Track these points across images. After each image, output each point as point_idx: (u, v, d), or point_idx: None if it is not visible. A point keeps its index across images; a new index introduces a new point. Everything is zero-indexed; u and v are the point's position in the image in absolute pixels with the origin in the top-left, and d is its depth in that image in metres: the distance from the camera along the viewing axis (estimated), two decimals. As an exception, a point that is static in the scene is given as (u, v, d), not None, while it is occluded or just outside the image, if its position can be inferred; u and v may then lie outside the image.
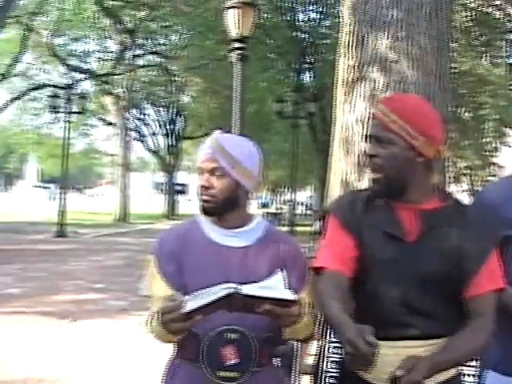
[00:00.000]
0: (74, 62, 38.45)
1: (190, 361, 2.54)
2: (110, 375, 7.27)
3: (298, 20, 28.97)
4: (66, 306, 11.23)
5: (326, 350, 3.21)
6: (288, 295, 2.26)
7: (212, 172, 2.58)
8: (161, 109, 48.39)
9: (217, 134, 2.65)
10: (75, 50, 39.65)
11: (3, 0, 25.38)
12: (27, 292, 12.73)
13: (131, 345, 8.48)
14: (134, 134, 46.73)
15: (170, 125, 48.63)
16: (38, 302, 11.63)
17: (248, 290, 2.22)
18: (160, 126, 48.74)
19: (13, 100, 33.52)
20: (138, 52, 38.24)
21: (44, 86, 35.21)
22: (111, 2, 31.84)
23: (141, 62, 39.45)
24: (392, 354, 2.33)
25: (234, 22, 12.01)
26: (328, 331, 3.28)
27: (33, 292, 12.73)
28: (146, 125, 48.99)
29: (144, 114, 48.83)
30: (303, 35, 28.56)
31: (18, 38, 30.41)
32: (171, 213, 47.17)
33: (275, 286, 2.27)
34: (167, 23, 34.83)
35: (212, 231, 2.63)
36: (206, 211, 2.61)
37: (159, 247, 2.66)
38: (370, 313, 2.42)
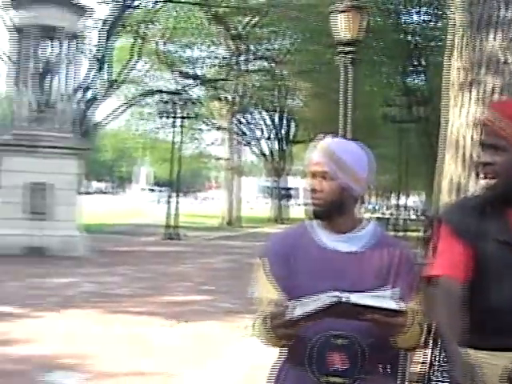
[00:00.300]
0: (184, 68, 39.13)
1: (297, 365, 2.54)
2: (218, 376, 7.36)
3: (405, 22, 28.59)
4: (174, 307, 11.43)
5: (437, 358, 3.16)
6: (396, 305, 2.24)
7: (321, 176, 2.57)
8: (270, 113, 48.65)
9: (326, 137, 2.65)
10: (186, 57, 40.40)
11: (117, 10, 26.17)
12: (137, 292, 13.03)
13: (238, 346, 8.56)
14: (242, 138, 47.16)
15: (278, 129, 48.85)
16: (147, 302, 11.88)
17: (356, 298, 2.21)
18: (269, 130, 49.02)
19: (125, 106, 34.39)
20: (247, 57, 38.56)
21: (155, 91, 35.98)
22: (220, 9, 32.27)
23: (250, 67, 39.77)
24: (506, 364, 2.28)
25: (343, 26, 11.97)
26: (439, 341, 3.22)
27: (142, 293, 13.03)
28: (255, 129, 49.35)
29: (253, 119, 49.21)
30: (411, 37, 28.16)
31: (130, 46, 31.16)
32: (279, 217, 47.34)
33: (384, 295, 2.25)
34: (275, 28, 35.01)
35: (321, 235, 2.62)
36: (314, 215, 2.61)
37: (268, 250, 2.67)
38: (484, 322, 2.38)
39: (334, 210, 2.58)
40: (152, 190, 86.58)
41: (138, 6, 28.51)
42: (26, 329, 9.35)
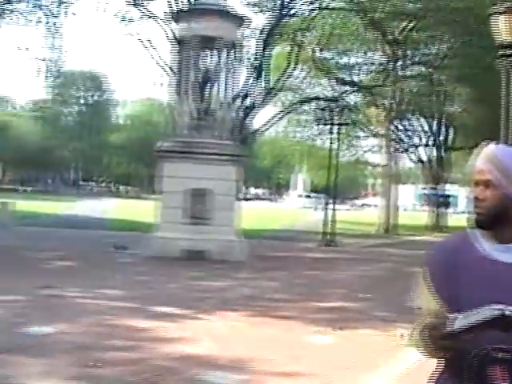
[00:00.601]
0: (341, 74, 39.15)
1: (455, 378, 2.47)
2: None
3: None
4: (329, 314, 11.43)
5: None
6: None
7: (484, 184, 2.49)
8: (428, 119, 47.81)
9: (490, 144, 2.56)
10: (342, 63, 40.42)
11: (274, 18, 26.62)
12: (293, 298, 13.13)
13: (393, 355, 8.44)
14: (400, 145, 46.58)
15: (437, 135, 47.92)
16: (302, 307, 11.95)
17: None
18: (427, 136, 48.16)
19: (283, 113, 34.76)
20: (404, 63, 38.11)
21: (312, 98, 36.18)
22: (377, 15, 32.05)
23: (407, 72, 39.25)
24: None
25: (504, 28, 11.58)
26: None
27: (298, 298, 13.11)
28: (413, 136, 48.59)
29: (411, 125, 48.49)
30: None
31: (287, 54, 31.49)
32: (438, 225, 46.33)
33: None
34: (432, 33, 34.40)
35: (484, 245, 2.53)
36: (477, 224, 2.53)
37: (429, 259, 2.61)
38: None
39: (498, 220, 2.49)
40: (309, 197, 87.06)
41: (294, 14, 28.81)
42: (185, 329, 9.64)
